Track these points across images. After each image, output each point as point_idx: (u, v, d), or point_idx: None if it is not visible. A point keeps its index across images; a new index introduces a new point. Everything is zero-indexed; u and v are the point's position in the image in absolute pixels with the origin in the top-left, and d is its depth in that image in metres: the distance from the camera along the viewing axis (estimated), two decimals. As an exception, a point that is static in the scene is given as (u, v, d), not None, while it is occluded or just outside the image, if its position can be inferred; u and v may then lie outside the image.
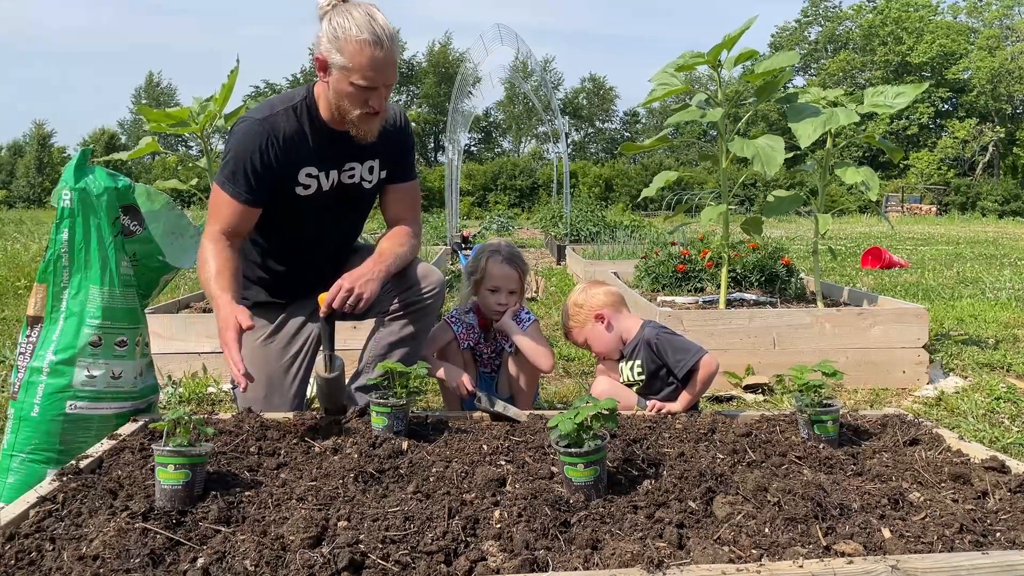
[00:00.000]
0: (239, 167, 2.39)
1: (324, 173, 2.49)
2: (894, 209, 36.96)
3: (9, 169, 55.92)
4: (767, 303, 4.52)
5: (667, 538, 1.48)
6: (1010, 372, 4.07)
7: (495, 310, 2.82)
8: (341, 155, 2.50)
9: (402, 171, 2.68)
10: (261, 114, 2.42)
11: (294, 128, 2.41)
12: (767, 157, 3.69)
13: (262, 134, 2.38)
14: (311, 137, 2.44)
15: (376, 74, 2.24)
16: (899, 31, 51.10)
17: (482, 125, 62.45)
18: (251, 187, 2.40)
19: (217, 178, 2.45)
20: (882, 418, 2.37)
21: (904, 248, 13.26)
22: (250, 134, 2.39)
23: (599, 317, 2.73)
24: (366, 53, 2.19)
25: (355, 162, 2.54)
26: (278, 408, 2.50)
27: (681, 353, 2.55)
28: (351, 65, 2.22)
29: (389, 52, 2.23)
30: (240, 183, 2.40)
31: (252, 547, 1.41)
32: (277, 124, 2.40)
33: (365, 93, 2.27)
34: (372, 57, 2.20)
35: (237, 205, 2.40)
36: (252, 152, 2.38)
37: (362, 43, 2.19)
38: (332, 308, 2.30)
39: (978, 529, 1.54)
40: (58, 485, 1.74)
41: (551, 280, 8.83)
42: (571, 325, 2.80)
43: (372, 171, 2.59)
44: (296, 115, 2.43)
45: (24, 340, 2.34)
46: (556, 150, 24.09)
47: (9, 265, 8.75)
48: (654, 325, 2.70)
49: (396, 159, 2.64)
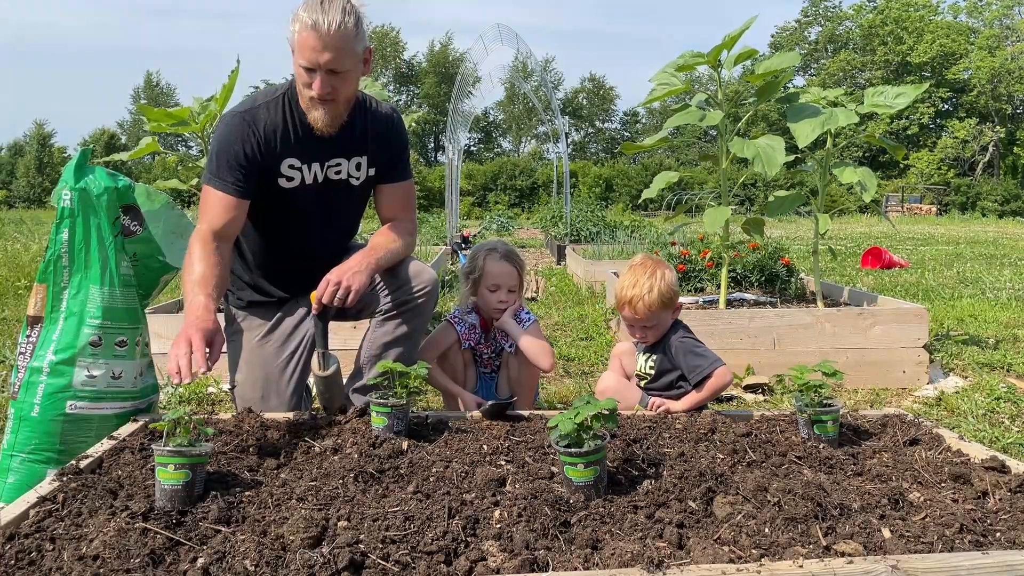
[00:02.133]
0: (223, 160, 2.43)
1: (307, 165, 2.51)
2: (894, 209, 36.99)
3: (9, 169, 55.91)
4: (767, 303, 4.52)
5: (667, 538, 1.48)
6: (1010, 372, 4.07)
7: (496, 308, 2.82)
8: (325, 150, 2.52)
9: (395, 171, 2.68)
10: (242, 108, 2.48)
11: (274, 120, 2.46)
12: (767, 158, 3.69)
13: (243, 126, 2.43)
14: (292, 129, 2.47)
15: (312, 54, 2.28)
16: (899, 31, 51.11)
17: (482, 125, 62.46)
18: (237, 179, 2.43)
19: (204, 178, 2.49)
20: (882, 418, 2.37)
21: (904, 248, 13.26)
22: (231, 127, 2.45)
23: (679, 308, 2.70)
24: (303, 34, 2.28)
25: (341, 158, 2.56)
26: (275, 408, 2.50)
27: (699, 360, 2.56)
28: (295, 46, 2.31)
29: (327, 36, 2.26)
30: (226, 176, 2.43)
31: (252, 547, 1.41)
32: (258, 116, 2.45)
33: (307, 75, 2.33)
34: (307, 38, 2.27)
35: (226, 198, 2.43)
36: (234, 144, 2.42)
37: (302, 24, 2.27)
38: (323, 304, 2.31)
39: (978, 529, 1.54)
40: (58, 485, 1.74)
41: (551, 280, 8.83)
42: (658, 301, 2.58)
43: (360, 168, 2.60)
44: (277, 107, 2.47)
45: (24, 340, 2.34)
46: (556, 150, 24.09)
47: (9, 265, 8.75)
48: (681, 328, 2.70)
49: (387, 159, 2.65)
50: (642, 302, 2.58)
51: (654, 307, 2.58)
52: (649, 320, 2.62)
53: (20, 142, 58.07)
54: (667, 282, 2.62)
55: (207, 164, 2.49)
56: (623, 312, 2.67)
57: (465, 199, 36.19)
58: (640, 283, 2.59)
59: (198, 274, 2.30)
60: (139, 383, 2.41)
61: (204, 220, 2.43)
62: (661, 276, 2.62)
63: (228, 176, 2.43)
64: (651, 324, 2.63)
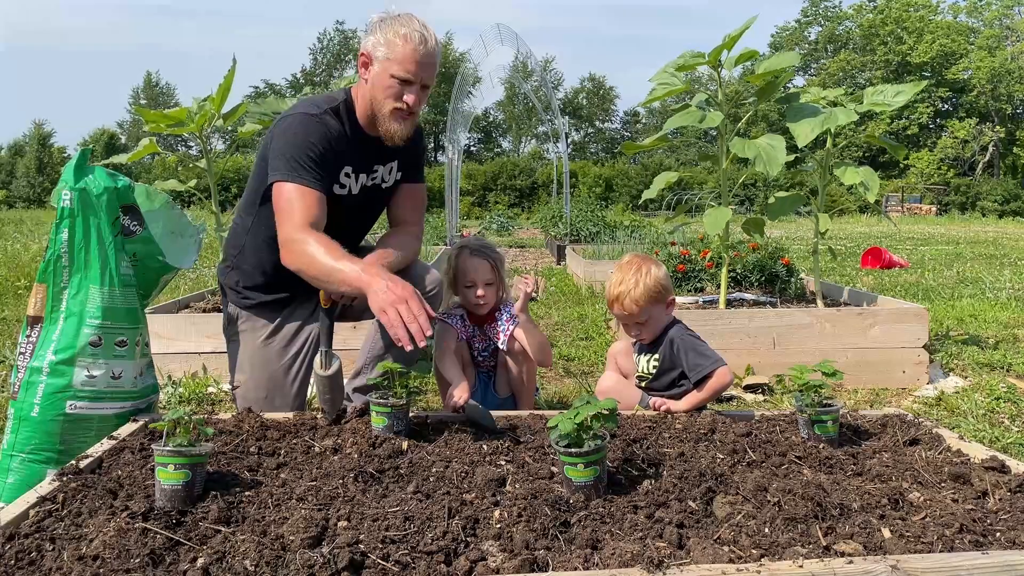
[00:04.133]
0: (303, 157, 2.36)
1: (356, 175, 2.55)
2: (894, 209, 37.02)
3: (9, 169, 55.85)
4: (767, 303, 4.52)
5: (667, 538, 1.48)
6: (1010, 372, 4.07)
7: (476, 305, 2.82)
8: (372, 157, 2.57)
9: (414, 172, 2.74)
10: (310, 110, 2.46)
11: (338, 127, 2.48)
12: (769, 157, 3.70)
13: (317, 128, 2.42)
14: (351, 138, 2.50)
15: (416, 68, 2.34)
16: (899, 31, 51.11)
17: (482, 125, 62.44)
18: (319, 175, 2.37)
19: (277, 176, 2.37)
20: (882, 418, 2.37)
21: (904, 248, 13.26)
22: (305, 125, 2.42)
23: (671, 303, 2.71)
24: (409, 46, 2.32)
25: (380, 164, 2.60)
26: (279, 408, 2.51)
27: (700, 359, 2.56)
28: (392, 56, 2.33)
29: (431, 52, 2.35)
30: (307, 172, 2.36)
31: (252, 547, 1.41)
32: (327, 120, 2.45)
33: (402, 87, 2.36)
34: (414, 50, 2.32)
35: (312, 193, 2.35)
36: (313, 142, 2.39)
37: (406, 36, 2.32)
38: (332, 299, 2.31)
39: (978, 529, 1.54)
40: (58, 485, 1.74)
41: (551, 280, 8.83)
42: (644, 296, 2.60)
43: (391, 172, 2.66)
44: (339, 115, 2.49)
45: (24, 340, 2.33)
46: (556, 150, 24.08)
47: (9, 265, 8.75)
48: (682, 325, 2.70)
49: (411, 161, 2.71)
50: (628, 297, 2.60)
51: (641, 302, 2.60)
52: (640, 316, 2.63)
53: (20, 142, 58.04)
54: (653, 277, 2.63)
55: (273, 162, 2.40)
56: (614, 310, 2.69)
57: (465, 199, 36.19)
58: (626, 280, 2.62)
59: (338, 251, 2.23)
60: (139, 383, 2.41)
61: (294, 217, 2.31)
62: (647, 271, 2.64)
63: (309, 173, 2.36)
64: (643, 320, 2.64)
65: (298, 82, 57.67)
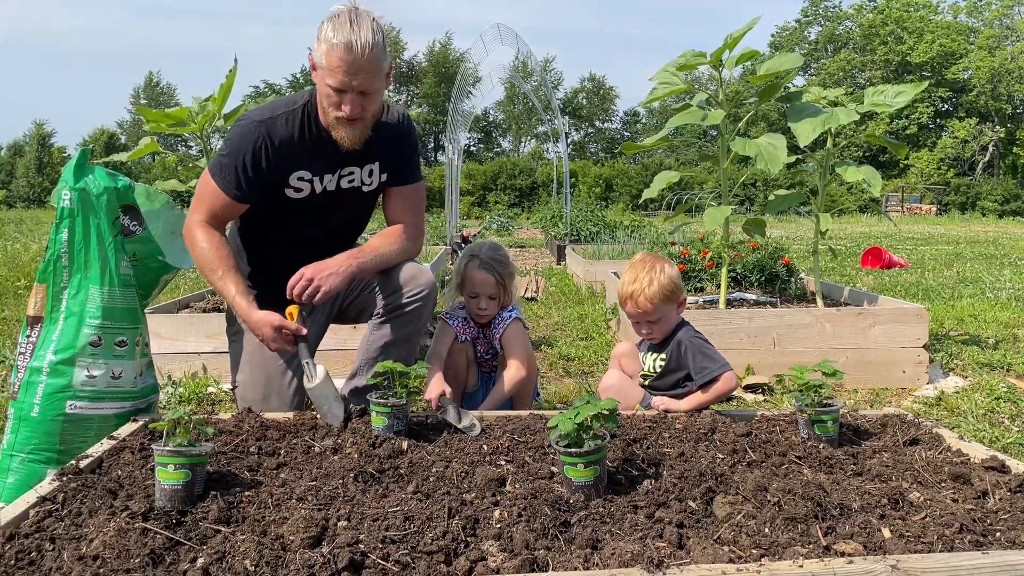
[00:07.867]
0: (231, 163, 2.45)
1: (318, 178, 2.52)
2: (894, 209, 37.03)
3: (9, 169, 55.87)
4: (767, 303, 4.52)
5: (667, 538, 1.48)
6: (1010, 372, 4.07)
7: (476, 314, 2.87)
8: (339, 160, 2.51)
9: (403, 174, 2.68)
10: (261, 116, 2.46)
11: (290, 133, 2.45)
12: (770, 156, 3.70)
13: (258, 136, 2.43)
14: (307, 142, 2.47)
15: (344, 76, 2.26)
16: (899, 31, 51.09)
17: (482, 125, 62.42)
18: (239, 185, 2.45)
19: (210, 166, 2.52)
20: (882, 418, 2.37)
21: (904, 248, 13.26)
22: (246, 134, 2.44)
23: (683, 303, 2.71)
24: (335, 54, 2.24)
25: (355, 166, 2.55)
26: (277, 408, 2.50)
27: (707, 362, 2.56)
28: (324, 64, 2.28)
29: (360, 58, 2.24)
30: (230, 178, 2.45)
31: (252, 547, 1.41)
32: (274, 127, 2.44)
33: (337, 95, 2.31)
34: (340, 59, 2.24)
35: (225, 198, 2.47)
36: (245, 152, 2.43)
37: (333, 45, 2.24)
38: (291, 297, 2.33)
39: (978, 529, 1.54)
40: (58, 485, 1.74)
41: (551, 280, 8.83)
42: (658, 294, 2.59)
43: (372, 174, 2.60)
44: (295, 120, 2.46)
45: (24, 340, 2.33)
46: (556, 150, 24.10)
47: (9, 265, 8.75)
48: (691, 327, 2.70)
49: (397, 162, 2.64)
50: (643, 295, 2.59)
51: (655, 300, 2.59)
52: (652, 314, 2.62)
53: (20, 142, 58.05)
54: (667, 275, 2.63)
55: (218, 152, 2.53)
56: (626, 308, 2.68)
57: (465, 199, 36.18)
58: (640, 278, 2.62)
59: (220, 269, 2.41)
60: (139, 383, 2.41)
61: (201, 208, 2.48)
62: (661, 270, 2.64)
63: (231, 179, 2.44)
64: (655, 319, 2.64)
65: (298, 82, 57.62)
